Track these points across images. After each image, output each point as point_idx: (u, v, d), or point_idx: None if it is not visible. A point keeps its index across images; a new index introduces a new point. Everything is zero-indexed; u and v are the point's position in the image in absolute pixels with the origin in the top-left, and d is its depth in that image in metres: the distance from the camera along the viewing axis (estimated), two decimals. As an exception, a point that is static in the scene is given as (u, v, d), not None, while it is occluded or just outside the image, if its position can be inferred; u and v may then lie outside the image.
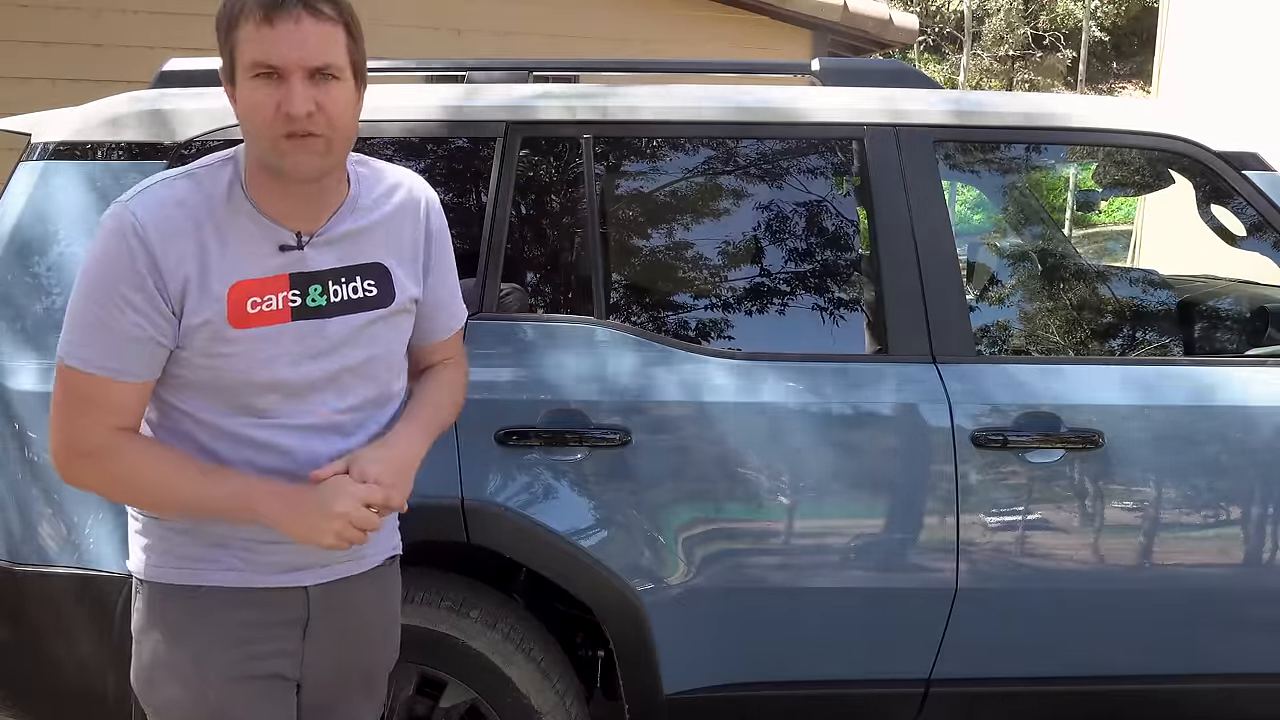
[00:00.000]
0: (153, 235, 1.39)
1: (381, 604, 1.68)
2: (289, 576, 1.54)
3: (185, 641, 1.52)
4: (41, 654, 2.12)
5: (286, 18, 1.34)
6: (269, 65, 1.36)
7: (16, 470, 2.08)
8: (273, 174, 1.43)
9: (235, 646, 1.51)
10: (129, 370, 1.43)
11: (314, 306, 1.48)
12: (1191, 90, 8.48)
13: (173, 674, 1.52)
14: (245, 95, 1.39)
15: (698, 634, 2.19)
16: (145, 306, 1.40)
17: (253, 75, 1.37)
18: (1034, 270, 3.21)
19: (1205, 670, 2.33)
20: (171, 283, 1.40)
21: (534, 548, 2.14)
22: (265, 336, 1.45)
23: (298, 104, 1.35)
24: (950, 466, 2.18)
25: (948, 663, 2.26)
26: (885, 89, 2.37)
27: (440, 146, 2.32)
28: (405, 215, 1.58)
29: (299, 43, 1.35)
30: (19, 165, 2.19)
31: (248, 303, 1.44)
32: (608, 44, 6.15)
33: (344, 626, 1.59)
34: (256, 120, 1.38)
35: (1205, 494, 2.23)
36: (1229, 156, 2.33)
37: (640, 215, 2.45)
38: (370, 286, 1.53)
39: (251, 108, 1.38)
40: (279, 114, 1.36)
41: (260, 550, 1.52)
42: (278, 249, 1.46)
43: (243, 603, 1.52)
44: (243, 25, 1.36)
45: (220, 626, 1.51)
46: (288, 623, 1.55)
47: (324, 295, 1.49)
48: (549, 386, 2.14)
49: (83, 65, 5.03)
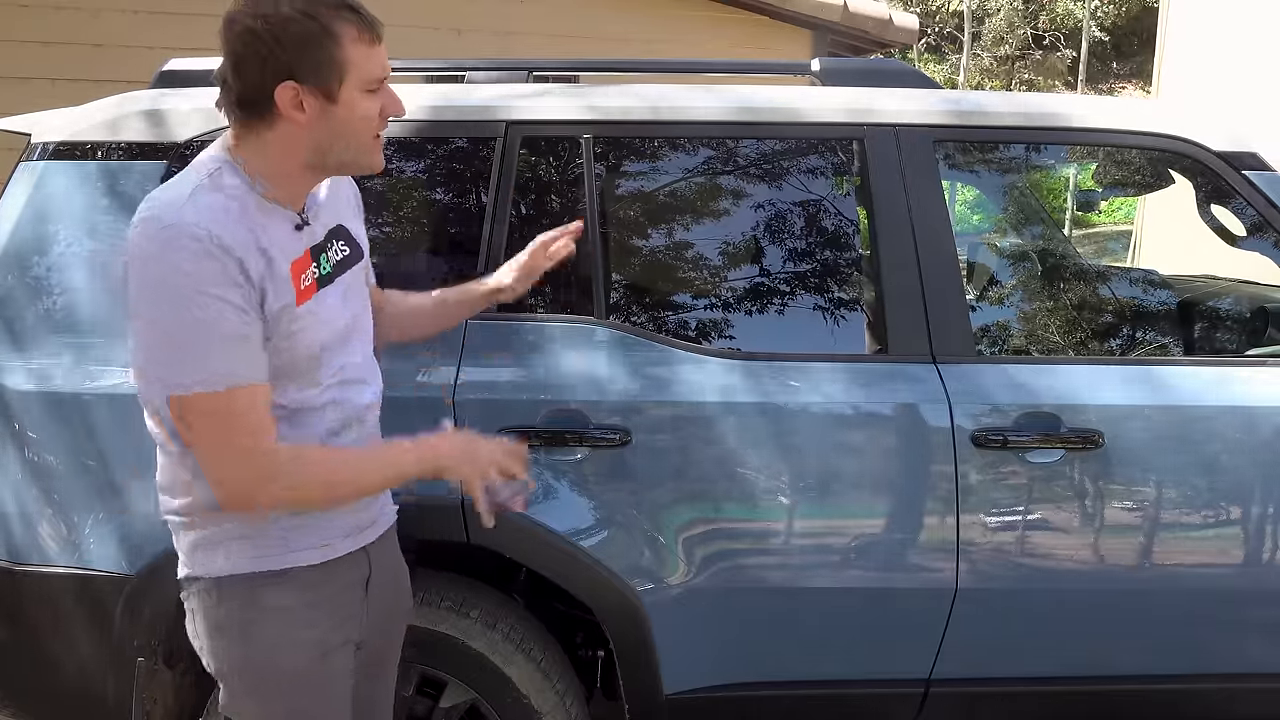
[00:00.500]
0: (231, 243, 1.44)
1: (399, 554, 1.85)
2: (353, 540, 1.68)
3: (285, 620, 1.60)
4: (41, 654, 2.12)
5: (381, 37, 1.54)
6: (381, 80, 1.54)
7: (16, 471, 2.08)
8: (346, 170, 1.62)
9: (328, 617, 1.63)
10: (261, 369, 1.49)
11: (326, 274, 1.62)
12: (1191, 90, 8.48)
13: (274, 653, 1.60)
14: (360, 105, 1.52)
15: (698, 634, 2.19)
16: (245, 304, 1.46)
17: (366, 89, 1.52)
18: (1034, 270, 3.21)
19: (1205, 670, 2.33)
20: (254, 277, 1.47)
21: (534, 548, 2.14)
22: (314, 308, 1.57)
23: (403, 106, 1.59)
24: (950, 466, 2.18)
25: (948, 663, 2.26)
26: (885, 89, 2.37)
27: (440, 146, 2.32)
28: (339, 183, 1.73)
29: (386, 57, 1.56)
30: (19, 165, 2.19)
31: (300, 280, 1.55)
32: (608, 44, 6.15)
33: (389, 576, 1.77)
34: (367, 126, 1.54)
35: (1205, 494, 2.23)
36: (1229, 156, 2.33)
37: (640, 215, 2.45)
38: (344, 247, 1.69)
39: (364, 116, 1.53)
40: (383, 118, 1.56)
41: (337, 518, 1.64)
42: (294, 229, 1.57)
43: (325, 576, 1.63)
44: (348, 44, 1.48)
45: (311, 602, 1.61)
46: (358, 582, 1.69)
47: (328, 262, 1.63)
48: (549, 386, 2.15)
49: (83, 65, 5.04)
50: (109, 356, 2.08)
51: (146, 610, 2.05)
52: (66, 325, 2.11)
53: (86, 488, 2.07)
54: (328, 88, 1.48)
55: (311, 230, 1.61)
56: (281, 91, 1.46)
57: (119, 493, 2.06)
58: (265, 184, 1.53)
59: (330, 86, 1.48)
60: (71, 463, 2.07)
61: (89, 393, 2.07)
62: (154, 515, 2.05)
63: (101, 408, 2.07)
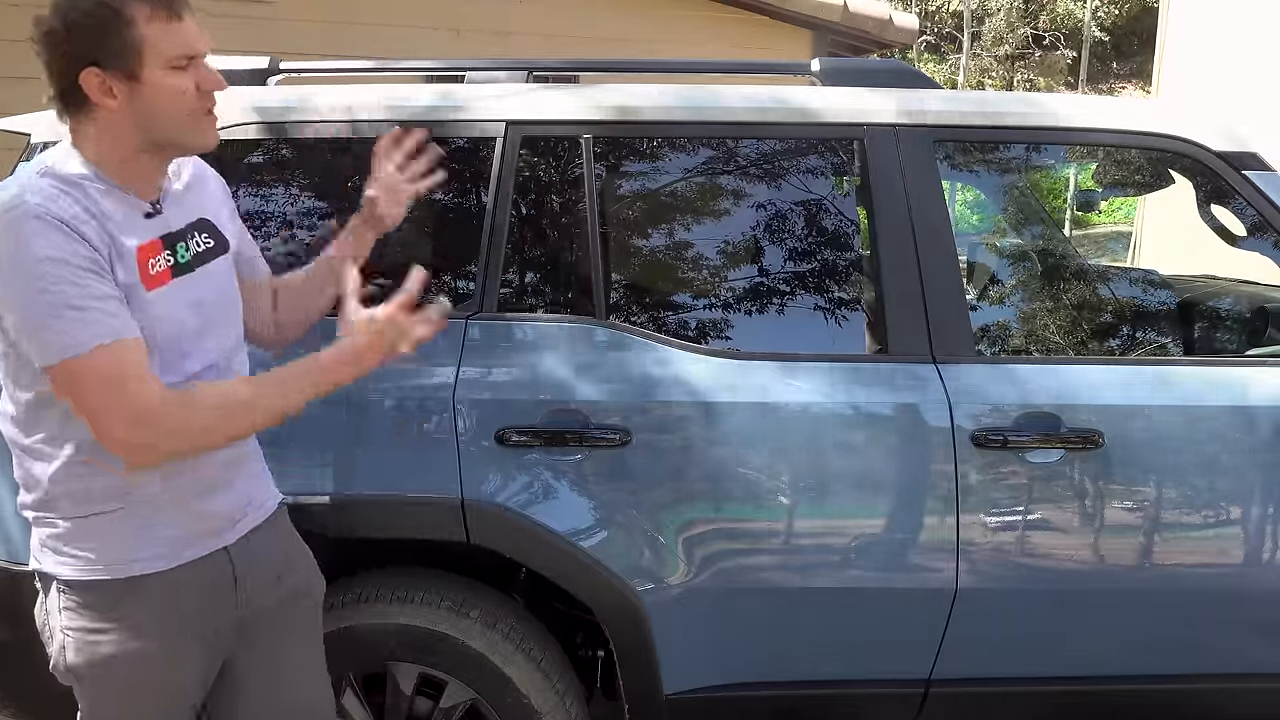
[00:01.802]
0: (65, 215, 1.48)
1: (292, 537, 1.87)
2: (211, 541, 1.68)
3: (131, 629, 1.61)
4: (41, 654, 2.12)
5: (186, 12, 1.55)
6: (190, 55, 1.54)
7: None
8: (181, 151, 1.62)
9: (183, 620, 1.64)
10: (127, 324, 1.50)
11: (184, 262, 1.64)
12: (1191, 90, 8.48)
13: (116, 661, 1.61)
14: (168, 83, 1.53)
15: (698, 634, 2.19)
16: (96, 268, 1.48)
17: (171, 66, 1.53)
18: (1034, 270, 3.21)
19: (1205, 670, 2.33)
20: (100, 246, 1.50)
21: (534, 548, 2.14)
22: (165, 295, 1.59)
23: (221, 80, 1.58)
24: (950, 466, 2.18)
25: (948, 663, 2.26)
26: (885, 89, 2.37)
27: (440, 146, 2.31)
28: (204, 178, 1.77)
29: (199, 31, 1.56)
30: (18, 165, 2.19)
31: (148, 265, 1.57)
32: (608, 44, 6.15)
33: (268, 558, 1.77)
34: (183, 103, 1.55)
35: (1205, 494, 2.23)
36: (1229, 156, 2.33)
37: (640, 215, 2.45)
38: (207, 239, 1.71)
39: (177, 94, 1.54)
40: (202, 94, 1.56)
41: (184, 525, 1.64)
42: (144, 216, 1.60)
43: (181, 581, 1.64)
44: (143, 24, 1.50)
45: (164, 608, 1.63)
46: (222, 585, 1.70)
47: (188, 251, 1.66)
48: (549, 386, 2.15)
49: (82, 65, 5.02)
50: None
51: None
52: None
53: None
54: (129, 69, 1.52)
55: (164, 219, 1.63)
56: (86, 79, 1.51)
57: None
58: (109, 172, 1.56)
59: (131, 67, 1.52)
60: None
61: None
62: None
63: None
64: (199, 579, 1.66)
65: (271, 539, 1.80)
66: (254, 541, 1.75)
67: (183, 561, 1.64)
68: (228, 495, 1.70)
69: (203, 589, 1.67)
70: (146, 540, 1.61)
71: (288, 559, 1.83)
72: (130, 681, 1.64)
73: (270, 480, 1.84)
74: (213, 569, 1.68)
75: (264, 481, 1.82)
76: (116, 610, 1.61)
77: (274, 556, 1.79)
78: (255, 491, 1.78)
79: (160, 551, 1.62)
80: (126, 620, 1.61)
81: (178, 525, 1.64)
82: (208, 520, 1.68)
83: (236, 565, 1.71)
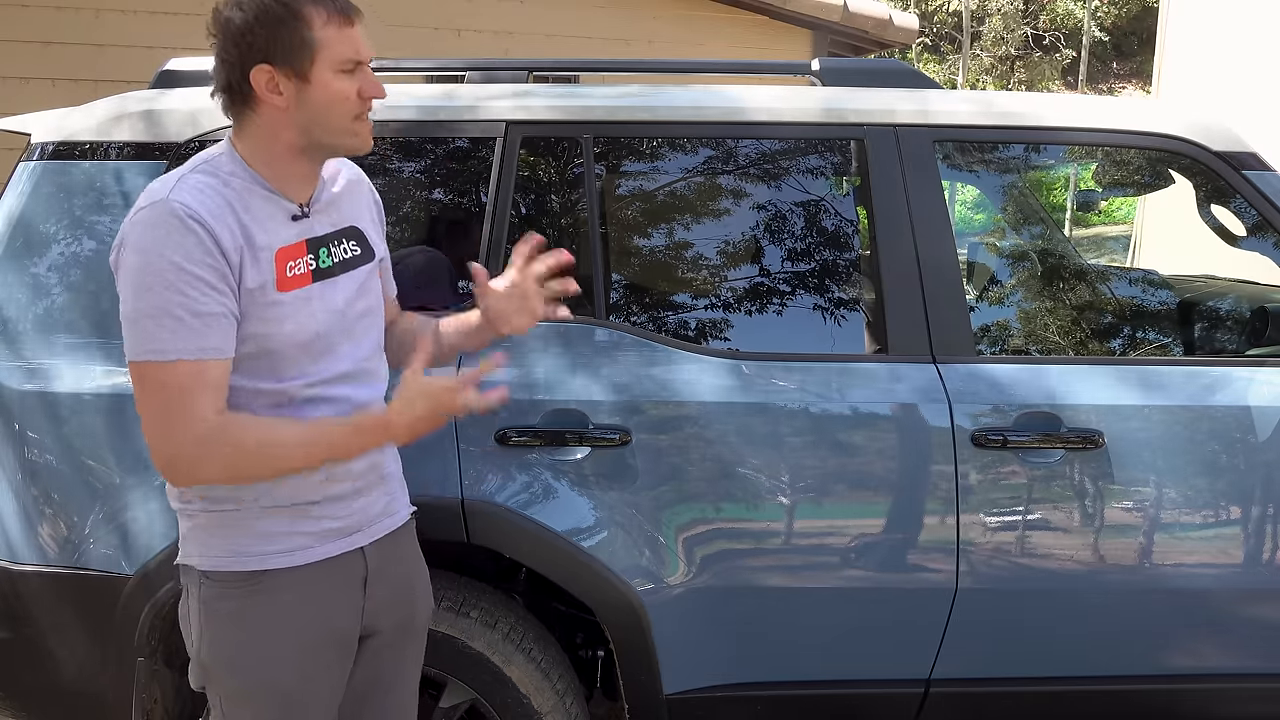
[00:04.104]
0: (206, 216, 1.51)
1: (417, 555, 1.88)
2: (346, 542, 1.70)
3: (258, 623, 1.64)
4: (41, 654, 2.12)
5: (357, 18, 1.59)
6: (358, 60, 1.58)
7: (16, 471, 2.08)
8: (333, 153, 1.65)
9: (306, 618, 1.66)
10: (216, 347, 1.52)
11: (325, 267, 1.66)
12: (1191, 90, 8.48)
13: (246, 656, 1.64)
14: (335, 86, 1.57)
15: (698, 634, 2.19)
16: (218, 282, 1.52)
17: (340, 70, 1.56)
18: (1034, 270, 3.21)
19: (1205, 670, 2.33)
20: (232, 255, 1.53)
21: (534, 548, 2.14)
22: (301, 297, 1.61)
23: (381, 88, 1.61)
24: (950, 466, 2.18)
25: (948, 663, 2.26)
26: (885, 89, 2.37)
27: (440, 146, 2.32)
28: (358, 187, 1.79)
29: (365, 39, 1.59)
30: (19, 165, 2.19)
31: (286, 267, 1.60)
32: (608, 44, 6.15)
33: (396, 578, 1.79)
34: (344, 107, 1.58)
35: (1205, 494, 2.23)
36: (1229, 156, 2.33)
37: (640, 215, 2.45)
38: (354, 246, 1.72)
39: (339, 96, 1.57)
40: (359, 99, 1.59)
41: (324, 520, 1.67)
42: (290, 219, 1.62)
43: (307, 578, 1.66)
44: (319, 26, 1.54)
45: (290, 604, 1.65)
46: (351, 584, 1.71)
47: (330, 256, 1.67)
48: (549, 386, 2.15)
49: (83, 65, 5.04)
50: (108, 356, 2.08)
51: (146, 610, 2.05)
52: (66, 325, 2.11)
53: (86, 488, 2.07)
54: (300, 68, 1.55)
55: (310, 223, 1.65)
56: (256, 75, 1.54)
57: (118, 493, 2.06)
58: (262, 171, 1.60)
59: (303, 67, 1.55)
60: (71, 463, 2.07)
61: (88, 393, 2.07)
62: (153, 515, 2.06)
63: (100, 408, 2.07)
64: (332, 577, 1.68)
65: (399, 555, 1.80)
66: (386, 548, 1.76)
67: (315, 559, 1.66)
68: (364, 499, 1.72)
69: (334, 587, 1.69)
70: (276, 536, 1.64)
71: (408, 579, 1.83)
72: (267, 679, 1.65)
73: (405, 490, 1.85)
74: (346, 568, 1.70)
75: (400, 489, 1.83)
76: (248, 600, 1.63)
77: (400, 573, 1.80)
78: (393, 497, 1.80)
79: (292, 546, 1.65)
80: (260, 610, 1.63)
81: (309, 523, 1.66)
82: (345, 519, 1.69)
83: (370, 566, 1.73)
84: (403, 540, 1.82)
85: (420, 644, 1.89)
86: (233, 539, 1.63)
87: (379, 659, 1.79)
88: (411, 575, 1.85)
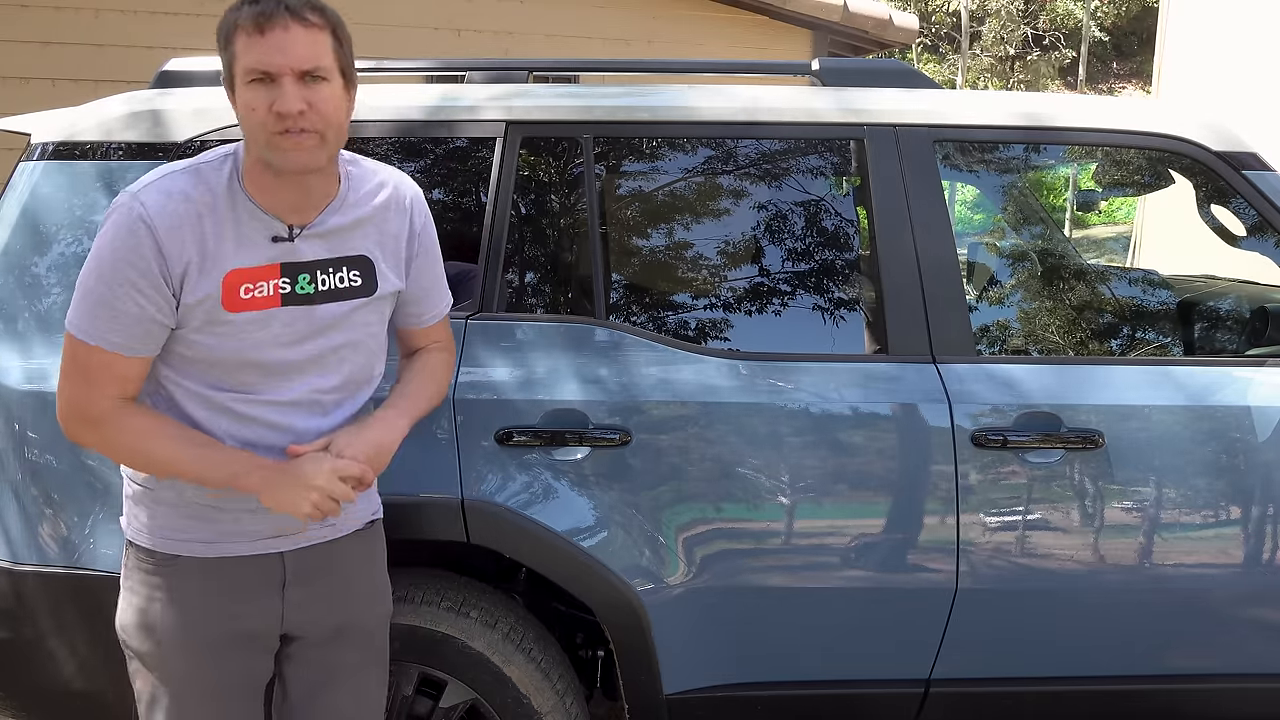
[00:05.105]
0: (159, 224, 1.55)
1: (365, 564, 1.84)
2: (264, 544, 1.71)
3: (164, 603, 1.69)
4: (41, 654, 2.12)
5: (276, 27, 1.52)
6: (263, 71, 1.53)
7: (16, 470, 2.08)
8: (269, 169, 1.59)
9: (209, 610, 1.68)
10: (131, 346, 1.59)
11: (302, 294, 1.64)
12: (1191, 90, 8.48)
13: (151, 630, 1.70)
14: (243, 99, 1.55)
15: (698, 634, 2.19)
16: (149, 289, 1.56)
17: (248, 81, 1.54)
18: (1034, 270, 3.21)
19: (1205, 670, 2.33)
20: (175, 267, 1.56)
21: (534, 548, 2.14)
22: (256, 320, 1.61)
23: (290, 103, 1.52)
24: (950, 466, 2.18)
25: (948, 663, 2.26)
26: (885, 89, 2.37)
27: (440, 146, 2.31)
28: (391, 211, 1.75)
29: (286, 48, 1.52)
30: (19, 165, 2.19)
31: (240, 288, 1.60)
32: (608, 44, 6.16)
33: (325, 586, 1.76)
34: (253, 121, 1.55)
35: (1205, 494, 2.23)
36: (1229, 156, 2.33)
37: (640, 215, 2.45)
38: (355, 276, 1.69)
39: (247, 110, 1.55)
40: (272, 114, 1.53)
41: (242, 521, 1.69)
42: (270, 240, 1.62)
43: (217, 571, 1.69)
44: (238, 37, 1.53)
45: (195, 593, 1.68)
46: (264, 585, 1.72)
47: (312, 283, 1.65)
48: (549, 386, 2.15)
49: (83, 65, 5.04)
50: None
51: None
52: (66, 325, 2.11)
53: (86, 488, 2.07)
54: (231, 81, 1.58)
55: (295, 247, 1.63)
56: (226, 86, 1.59)
57: (118, 492, 2.06)
58: (249, 184, 1.61)
59: (231, 80, 1.57)
60: (70, 462, 2.07)
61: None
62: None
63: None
64: (243, 576, 1.70)
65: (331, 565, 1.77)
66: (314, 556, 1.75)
67: (224, 555, 1.69)
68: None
69: (244, 586, 1.70)
70: (189, 526, 1.68)
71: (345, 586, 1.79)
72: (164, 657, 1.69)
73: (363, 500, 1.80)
74: (261, 569, 1.71)
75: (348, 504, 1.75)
76: (160, 579, 1.68)
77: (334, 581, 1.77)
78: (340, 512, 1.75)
79: (205, 537, 1.68)
80: (168, 593, 1.68)
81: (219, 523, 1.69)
82: (260, 525, 1.70)
83: (290, 570, 1.73)
84: (344, 549, 1.78)
85: (369, 650, 1.84)
86: (154, 517, 1.69)
87: (307, 663, 1.78)
88: (351, 581, 1.80)
